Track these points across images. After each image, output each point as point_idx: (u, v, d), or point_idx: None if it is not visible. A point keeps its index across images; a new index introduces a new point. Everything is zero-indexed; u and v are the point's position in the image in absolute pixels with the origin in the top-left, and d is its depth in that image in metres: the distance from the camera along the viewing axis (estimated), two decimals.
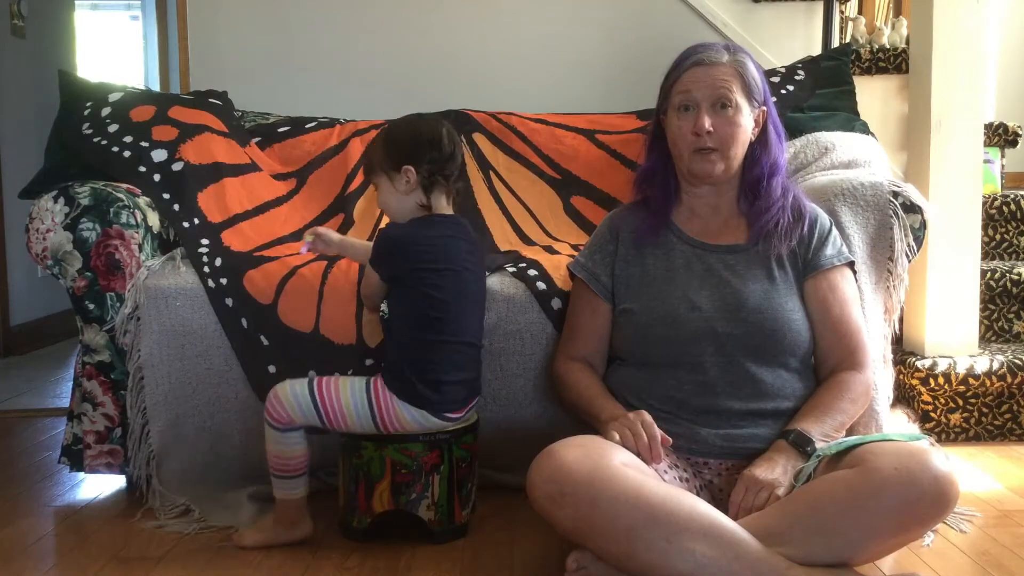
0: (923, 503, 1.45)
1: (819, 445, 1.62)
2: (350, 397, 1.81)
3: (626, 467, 1.53)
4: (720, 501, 1.61)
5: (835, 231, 1.87)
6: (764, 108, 1.81)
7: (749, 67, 1.79)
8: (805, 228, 1.81)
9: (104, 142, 2.33)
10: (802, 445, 1.62)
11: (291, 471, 1.85)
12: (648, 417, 1.64)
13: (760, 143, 1.82)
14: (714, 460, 1.70)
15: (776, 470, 1.59)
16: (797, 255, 1.80)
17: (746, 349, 1.72)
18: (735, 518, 1.51)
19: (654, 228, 1.85)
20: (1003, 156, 3.32)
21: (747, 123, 1.77)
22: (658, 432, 1.61)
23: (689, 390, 1.72)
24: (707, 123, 1.74)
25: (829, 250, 1.82)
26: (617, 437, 1.61)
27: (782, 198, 1.81)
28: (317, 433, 1.87)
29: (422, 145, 1.87)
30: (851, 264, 1.85)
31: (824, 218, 1.87)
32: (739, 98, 1.76)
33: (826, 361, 1.79)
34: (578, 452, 1.52)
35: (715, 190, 1.83)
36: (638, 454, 1.59)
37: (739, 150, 1.78)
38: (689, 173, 1.81)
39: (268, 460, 1.86)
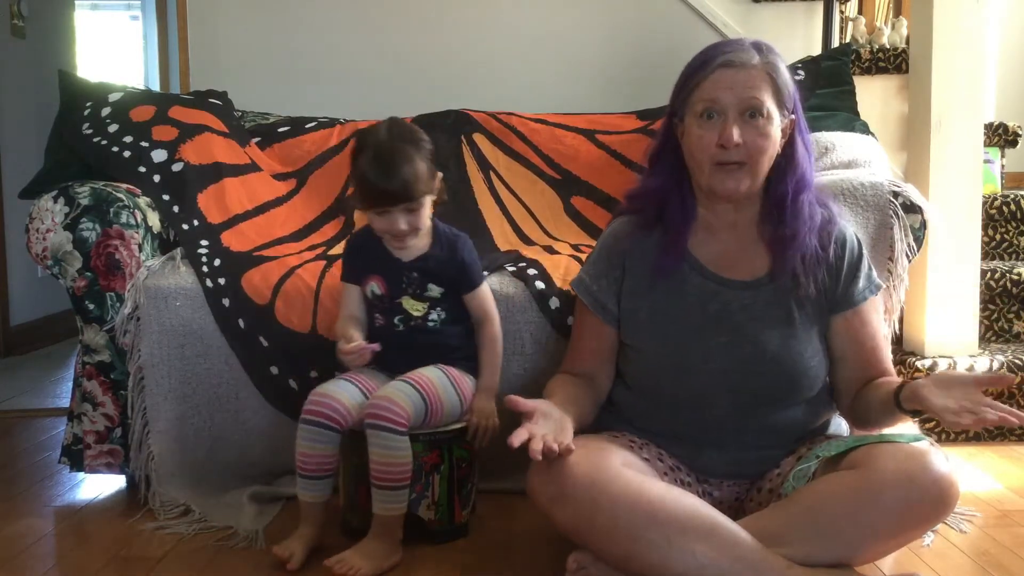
0: (923, 504, 1.45)
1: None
2: (442, 389, 1.84)
3: (627, 467, 1.53)
4: (720, 511, 1.57)
5: (866, 255, 1.70)
6: (793, 117, 1.63)
7: (782, 70, 1.61)
8: (832, 258, 1.65)
9: (104, 142, 2.33)
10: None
11: (405, 479, 1.76)
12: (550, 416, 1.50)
13: (786, 156, 1.62)
14: (716, 479, 1.69)
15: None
16: (823, 289, 1.65)
17: (760, 399, 1.64)
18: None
19: (673, 261, 1.66)
20: (1003, 156, 3.32)
21: (777, 134, 1.59)
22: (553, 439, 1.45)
23: (696, 428, 1.67)
24: (736, 134, 1.54)
25: (861, 283, 1.67)
26: (518, 440, 1.42)
27: (809, 220, 1.62)
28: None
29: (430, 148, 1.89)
30: (879, 291, 1.72)
31: (854, 241, 1.69)
32: (771, 106, 1.57)
33: (851, 388, 1.70)
34: (578, 453, 1.51)
35: (734, 207, 1.66)
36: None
37: (767, 164, 1.60)
38: (709, 189, 1.62)
39: (381, 475, 1.74)
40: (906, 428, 2.42)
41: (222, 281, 2.09)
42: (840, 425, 1.77)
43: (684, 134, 1.64)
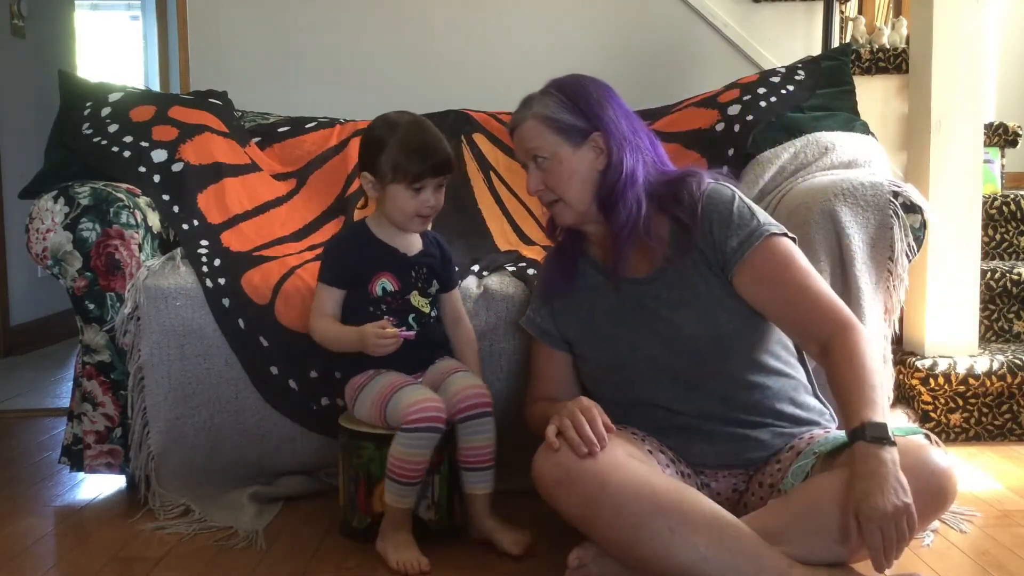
0: (922, 499, 1.45)
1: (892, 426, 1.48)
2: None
3: (632, 456, 1.54)
4: (719, 504, 1.58)
5: (738, 209, 1.67)
6: (597, 132, 1.72)
7: (541, 108, 1.76)
8: (703, 224, 1.67)
9: (104, 142, 2.33)
10: (883, 438, 1.44)
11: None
12: (587, 402, 1.58)
13: (609, 166, 1.71)
14: (710, 469, 1.70)
15: (888, 488, 1.40)
16: (708, 256, 1.68)
17: (697, 375, 1.67)
18: (881, 561, 1.39)
19: (563, 274, 1.81)
20: (1003, 156, 3.32)
21: (571, 164, 1.71)
22: (599, 417, 1.55)
23: (665, 420, 1.70)
24: (536, 181, 1.74)
25: (736, 237, 1.65)
26: (553, 431, 1.54)
27: (636, 212, 1.68)
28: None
29: None
30: (770, 236, 1.65)
31: (721, 201, 1.68)
32: (547, 144, 1.72)
33: (808, 340, 1.65)
34: None
35: (595, 228, 1.77)
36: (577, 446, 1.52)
37: (576, 192, 1.72)
38: (561, 225, 1.80)
39: (489, 457, 1.82)
40: (901, 422, 2.44)
41: (222, 281, 2.09)
42: (827, 415, 1.76)
43: None
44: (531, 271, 2.13)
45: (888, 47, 3.19)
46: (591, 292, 1.80)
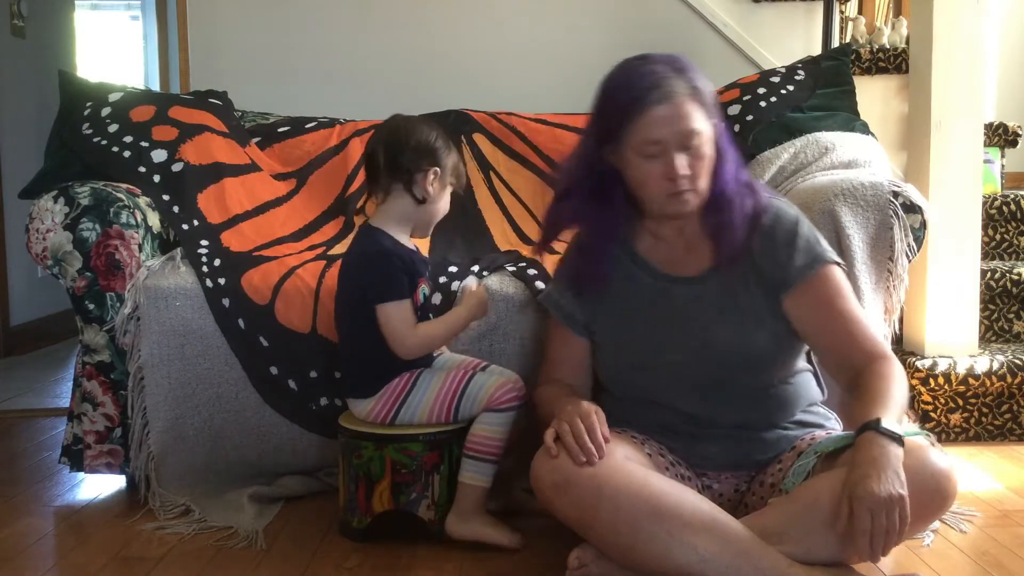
0: (922, 499, 1.45)
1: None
2: None
3: (630, 459, 1.54)
4: (720, 506, 1.58)
5: (805, 231, 1.67)
6: (715, 121, 1.63)
7: (701, 86, 1.62)
8: (764, 239, 1.66)
9: (104, 142, 2.33)
10: (892, 434, 1.45)
11: None
12: (587, 408, 1.55)
13: (716, 157, 1.64)
14: (713, 471, 1.70)
15: (885, 476, 1.39)
16: (764, 272, 1.66)
17: (719, 388, 1.66)
18: (868, 547, 1.40)
19: (600, 276, 1.72)
20: (1003, 156, 3.32)
21: (710, 147, 1.62)
22: (599, 426, 1.52)
23: (674, 422, 1.69)
24: (681, 166, 1.58)
25: (800, 259, 1.65)
26: (551, 436, 1.53)
27: (741, 208, 1.65)
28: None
29: None
30: (830, 264, 1.66)
31: (787, 220, 1.68)
32: (702, 126, 1.59)
33: (843, 368, 1.65)
34: None
35: (674, 222, 1.70)
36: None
37: (707, 178, 1.63)
38: (662, 215, 1.67)
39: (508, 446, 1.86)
40: (903, 425, 2.43)
41: (222, 281, 2.09)
42: (832, 420, 1.76)
43: (622, 163, 1.64)
44: (531, 271, 2.13)
45: (888, 47, 3.19)
46: (626, 284, 1.73)
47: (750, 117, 2.44)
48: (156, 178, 2.28)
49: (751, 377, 1.66)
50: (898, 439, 1.44)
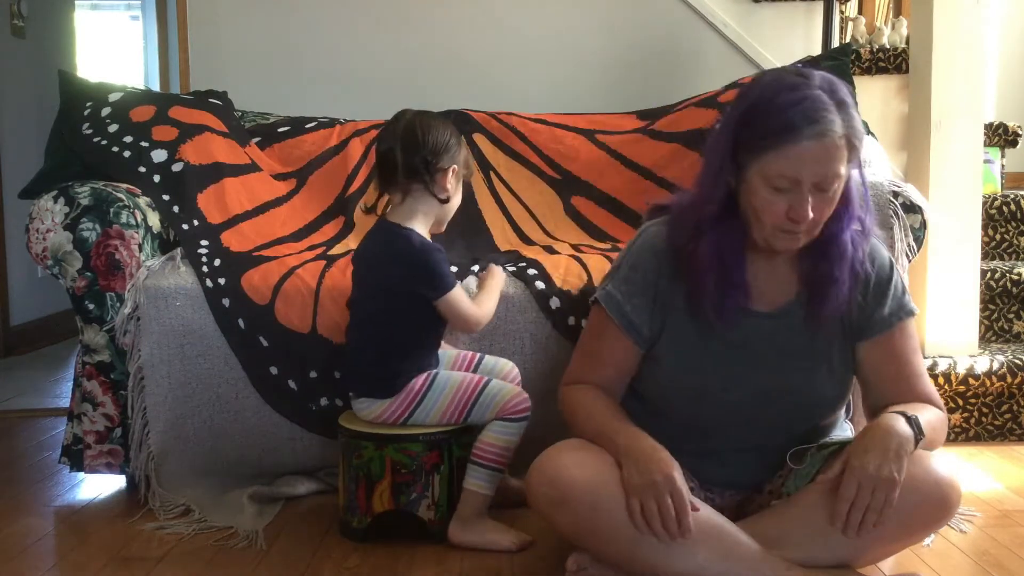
0: (925, 508, 1.45)
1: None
2: None
3: None
4: (720, 512, 1.56)
5: (896, 280, 1.60)
6: (854, 166, 1.49)
7: (858, 127, 1.45)
8: (859, 284, 1.56)
9: (104, 142, 2.33)
10: (916, 426, 1.44)
11: None
12: (679, 482, 1.43)
13: (843, 198, 1.49)
14: (717, 488, 1.68)
15: (887, 457, 1.39)
16: (847, 316, 1.58)
17: (774, 427, 1.60)
18: (846, 516, 1.41)
19: (728, 312, 1.54)
20: (1003, 156, 3.32)
21: (842, 191, 1.48)
22: (688, 503, 1.42)
23: (701, 448, 1.62)
24: (809, 208, 1.43)
25: (888, 307, 1.58)
26: (637, 509, 1.43)
27: (852, 259, 1.53)
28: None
29: None
30: (913, 316, 1.61)
31: (884, 267, 1.60)
32: (845, 171, 1.45)
33: (877, 406, 1.60)
34: (578, 456, 1.52)
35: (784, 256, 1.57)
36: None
37: (825, 219, 1.49)
38: (767, 246, 1.51)
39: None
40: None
41: (222, 281, 2.09)
42: (844, 428, 1.76)
43: (744, 187, 1.49)
44: (531, 271, 2.13)
45: (888, 47, 3.19)
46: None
47: None
48: (156, 178, 2.28)
49: (803, 422, 1.62)
50: (918, 432, 1.45)
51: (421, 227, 1.88)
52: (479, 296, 1.96)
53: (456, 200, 1.93)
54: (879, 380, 1.60)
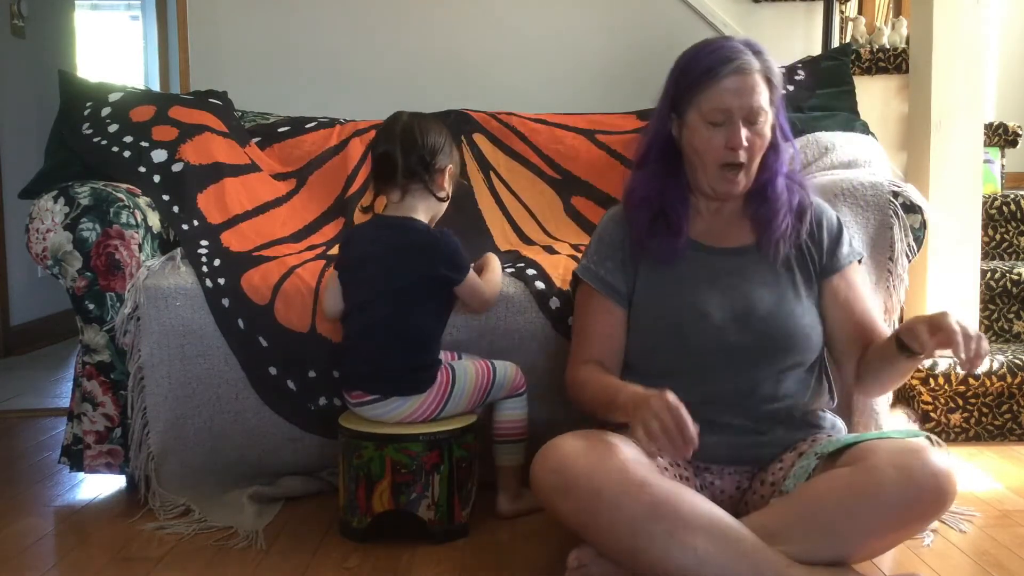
0: (922, 499, 1.45)
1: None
2: None
3: (629, 461, 1.53)
4: (721, 503, 1.59)
5: (844, 227, 1.80)
6: (775, 109, 1.71)
7: (774, 70, 1.68)
8: (812, 227, 1.75)
9: (104, 142, 2.33)
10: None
11: None
12: (672, 399, 1.46)
13: (770, 144, 1.71)
14: (716, 466, 1.70)
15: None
16: (807, 257, 1.74)
17: (756, 358, 1.67)
18: (961, 345, 1.50)
19: (675, 250, 1.72)
20: (1003, 156, 3.32)
21: (769, 131, 1.68)
22: (687, 417, 1.45)
23: (694, 401, 1.60)
24: (743, 137, 1.64)
25: (844, 249, 1.76)
26: (641, 433, 1.46)
27: (788, 201, 1.72)
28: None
29: None
30: (862, 261, 1.82)
31: (831, 215, 1.79)
32: (767, 107, 1.66)
33: (852, 352, 1.74)
34: (582, 444, 1.53)
35: (724, 202, 1.76)
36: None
37: (758, 161, 1.70)
38: (709, 190, 1.71)
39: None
40: (903, 425, 2.44)
41: (222, 281, 2.09)
42: (838, 425, 1.77)
43: (686, 132, 1.70)
44: (530, 271, 2.13)
45: (888, 47, 3.19)
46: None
47: None
48: (156, 178, 2.28)
49: (785, 351, 1.68)
50: None
51: (427, 219, 1.96)
52: (485, 276, 2.02)
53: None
54: (842, 318, 1.74)
